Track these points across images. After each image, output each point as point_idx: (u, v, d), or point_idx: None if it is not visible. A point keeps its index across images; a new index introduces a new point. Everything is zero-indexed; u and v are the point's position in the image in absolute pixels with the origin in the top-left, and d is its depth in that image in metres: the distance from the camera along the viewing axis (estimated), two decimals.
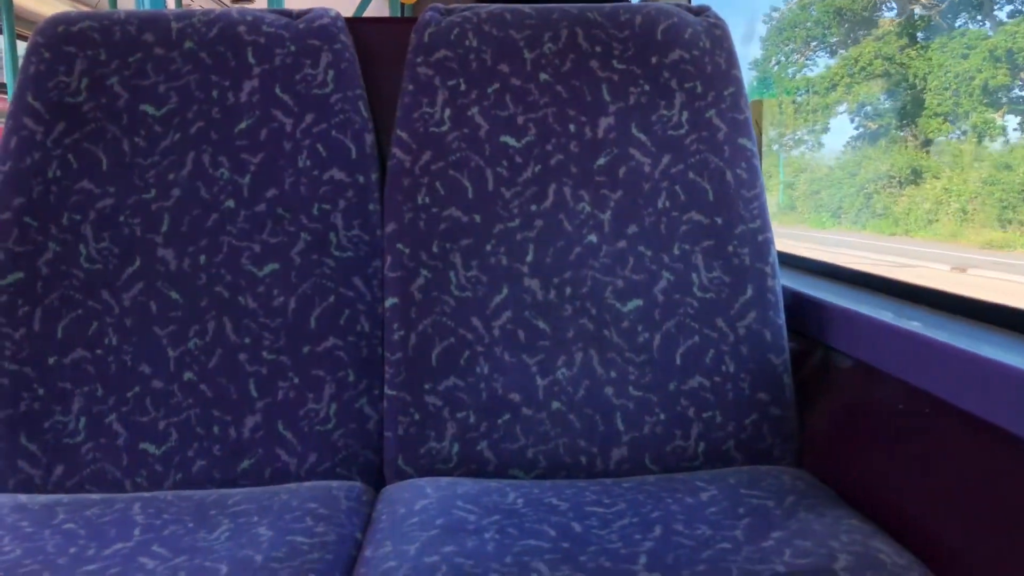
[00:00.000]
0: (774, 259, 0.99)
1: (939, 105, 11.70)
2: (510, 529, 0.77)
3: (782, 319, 0.97)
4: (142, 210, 0.97)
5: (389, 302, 0.97)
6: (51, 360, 0.94)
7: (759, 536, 0.74)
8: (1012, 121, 11.11)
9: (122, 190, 0.97)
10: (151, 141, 0.99)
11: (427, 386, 0.94)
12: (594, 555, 0.72)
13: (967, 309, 0.88)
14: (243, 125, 0.99)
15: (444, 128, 1.00)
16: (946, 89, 11.69)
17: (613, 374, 0.95)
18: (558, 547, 0.73)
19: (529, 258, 0.97)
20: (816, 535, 0.74)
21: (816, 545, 0.72)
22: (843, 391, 0.96)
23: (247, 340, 0.95)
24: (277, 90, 1.00)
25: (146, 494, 0.89)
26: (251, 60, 1.01)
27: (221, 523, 0.81)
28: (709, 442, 0.94)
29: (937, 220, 11.04)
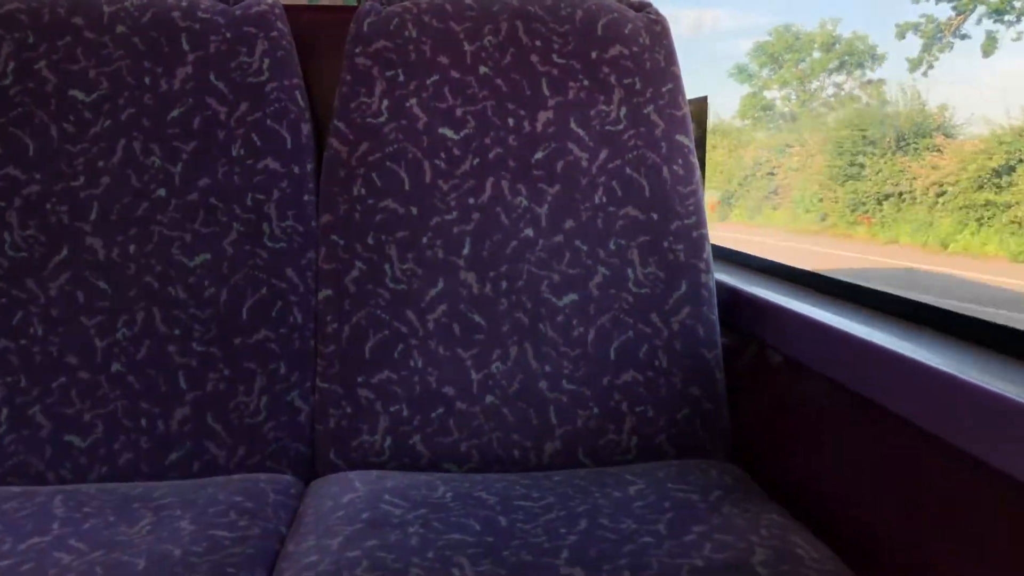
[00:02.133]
0: (709, 255, 0.99)
1: None
2: (435, 523, 0.76)
3: (715, 315, 0.98)
4: (70, 198, 0.95)
5: (323, 294, 0.96)
6: None
7: (681, 530, 0.75)
8: None
9: (49, 177, 0.95)
10: (80, 127, 0.96)
11: (360, 379, 0.94)
12: (516, 549, 0.72)
13: (901, 310, 0.90)
14: (176, 113, 0.97)
15: (382, 119, 0.99)
16: None
17: (547, 368, 0.95)
18: (482, 541, 0.73)
19: (465, 251, 0.96)
20: (737, 529, 0.74)
21: (736, 539, 0.72)
22: (773, 386, 0.97)
23: (177, 331, 0.94)
24: (211, 77, 0.99)
25: (68, 487, 0.87)
26: (185, 46, 0.99)
27: (143, 517, 0.79)
28: (642, 436, 0.95)
29: None
